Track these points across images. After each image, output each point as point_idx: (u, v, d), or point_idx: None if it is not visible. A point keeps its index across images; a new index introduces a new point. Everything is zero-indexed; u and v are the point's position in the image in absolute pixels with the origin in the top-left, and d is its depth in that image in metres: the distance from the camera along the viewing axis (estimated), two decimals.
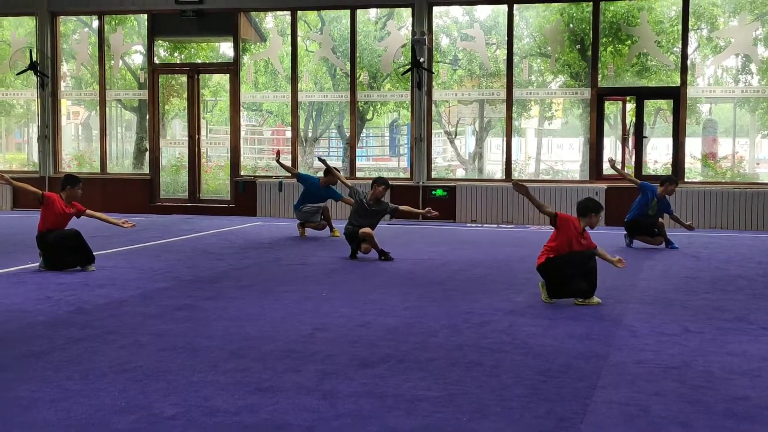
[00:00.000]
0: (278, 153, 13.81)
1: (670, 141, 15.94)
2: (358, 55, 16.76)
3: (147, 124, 17.69)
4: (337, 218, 14.79)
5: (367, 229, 10.55)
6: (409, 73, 16.03)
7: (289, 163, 16.08)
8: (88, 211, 9.78)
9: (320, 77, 18.53)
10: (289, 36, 16.92)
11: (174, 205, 17.18)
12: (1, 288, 8.19)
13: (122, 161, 19.36)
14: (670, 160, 15.87)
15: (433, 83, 16.44)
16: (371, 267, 9.92)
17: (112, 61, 17.91)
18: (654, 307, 7.55)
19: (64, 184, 9.70)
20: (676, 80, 15.64)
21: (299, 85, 16.93)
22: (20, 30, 18.74)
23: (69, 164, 18.42)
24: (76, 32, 18.72)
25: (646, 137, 16.39)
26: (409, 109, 16.60)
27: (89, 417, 4.32)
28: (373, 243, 10.50)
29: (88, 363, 5.40)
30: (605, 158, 15.07)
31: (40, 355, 5.58)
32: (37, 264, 9.46)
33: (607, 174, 15.58)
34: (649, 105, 17.60)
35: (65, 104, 19.01)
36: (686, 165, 15.91)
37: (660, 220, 12.08)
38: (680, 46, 15.57)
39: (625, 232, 12.19)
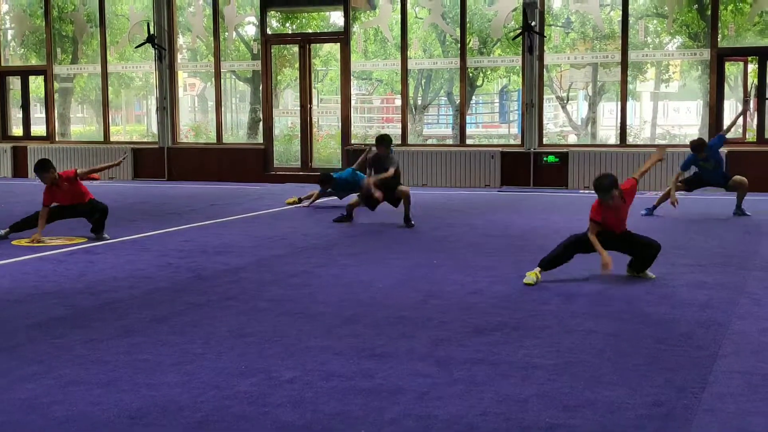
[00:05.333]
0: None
1: None
2: (468, 20, 16.60)
3: (260, 94, 18.00)
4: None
5: (405, 188, 10.70)
6: (520, 37, 15.78)
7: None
8: (79, 171, 9.66)
9: (430, 44, 18.43)
10: (399, 3, 16.87)
11: (287, 174, 17.46)
12: (126, 254, 8.51)
13: (237, 131, 19.77)
14: None
15: (545, 47, 16.15)
16: (480, 235, 9.87)
17: (226, 33, 18.26)
18: None
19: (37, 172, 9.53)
20: None
21: (409, 52, 16.90)
22: (137, 4, 19.27)
23: (186, 135, 18.94)
24: (191, 5, 19.13)
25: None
26: (520, 75, 16.37)
27: (211, 380, 4.46)
28: (407, 202, 10.58)
29: (208, 327, 5.57)
30: (725, 122, 14.50)
31: (163, 320, 5.79)
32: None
33: (727, 138, 15.03)
34: None
35: (182, 76, 19.50)
36: None
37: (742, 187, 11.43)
38: None
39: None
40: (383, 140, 10.92)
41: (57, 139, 19.41)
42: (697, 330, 5.42)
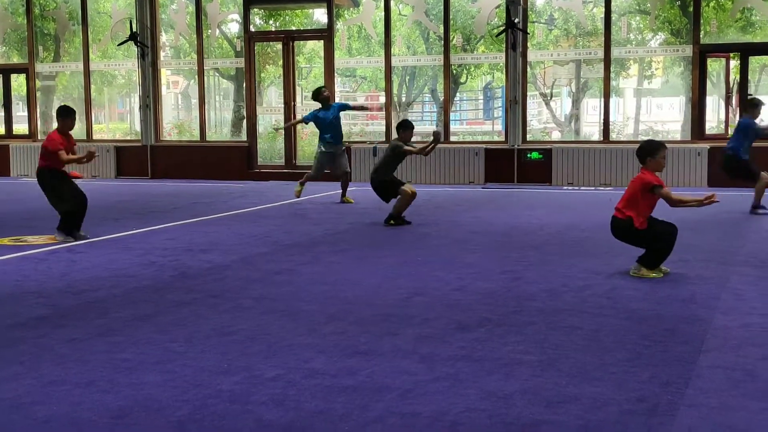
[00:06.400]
0: (275, 128, 13.68)
1: None
2: (451, 17, 16.60)
3: (244, 91, 17.94)
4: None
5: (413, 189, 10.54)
6: (504, 34, 15.80)
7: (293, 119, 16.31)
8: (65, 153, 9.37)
9: (413, 41, 18.43)
10: (382, 0, 16.86)
11: (271, 172, 17.41)
12: (108, 253, 8.45)
13: (221, 129, 19.71)
14: None
15: (528, 44, 16.17)
16: (465, 231, 9.88)
17: (209, 30, 18.18)
18: (762, 270, 7.31)
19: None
20: None
21: (392, 49, 16.89)
22: (120, 1, 19.17)
23: (170, 132, 18.86)
24: (174, 2, 19.05)
25: (750, 95, 15.80)
26: (504, 72, 16.39)
27: (193, 378, 4.43)
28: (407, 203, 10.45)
29: (191, 326, 5.54)
30: (707, 118, 14.55)
31: (146, 319, 5.75)
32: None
33: (709, 133, 15.12)
34: (754, 62, 16.93)
35: (165, 74, 19.42)
36: None
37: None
38: None
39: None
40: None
41: (39, 138, 19.23)
42: (681, 325, 5.44)
